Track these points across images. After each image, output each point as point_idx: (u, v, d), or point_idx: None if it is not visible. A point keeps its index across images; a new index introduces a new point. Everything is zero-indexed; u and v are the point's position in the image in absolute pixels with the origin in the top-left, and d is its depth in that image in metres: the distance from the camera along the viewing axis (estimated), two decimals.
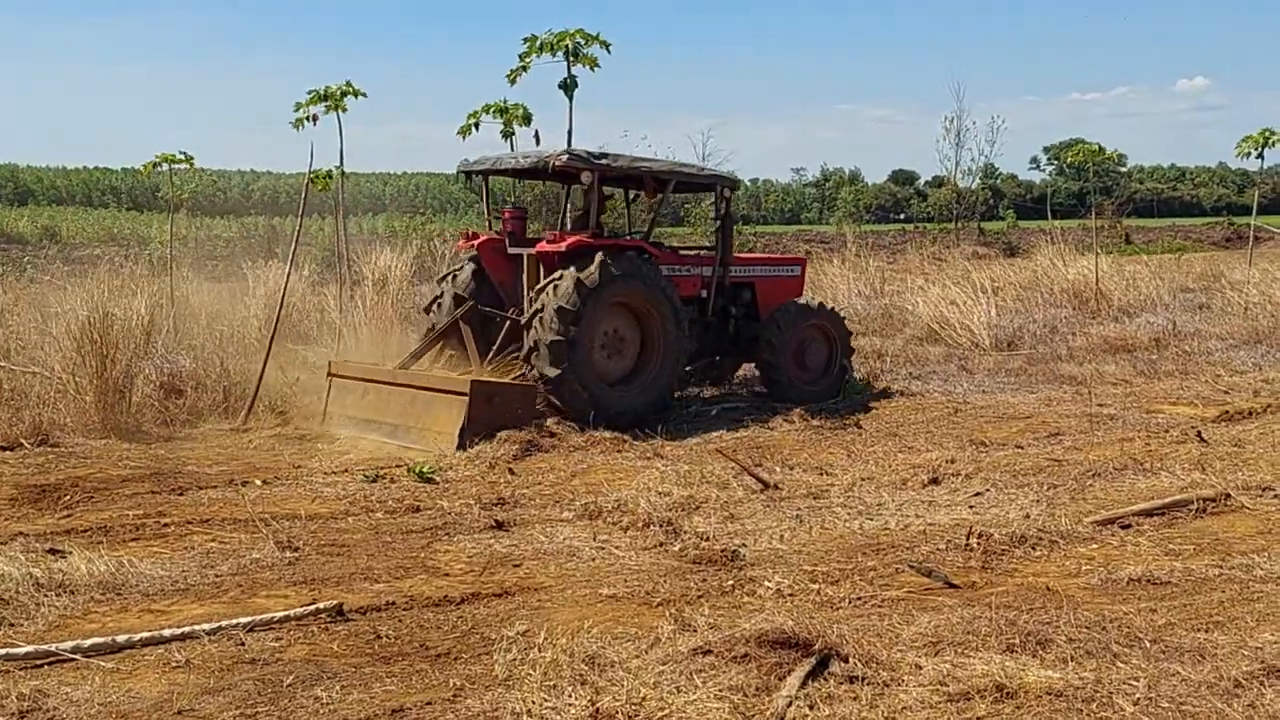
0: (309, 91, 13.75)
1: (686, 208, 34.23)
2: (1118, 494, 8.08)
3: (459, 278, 11.97)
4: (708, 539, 7.03)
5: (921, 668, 4.84)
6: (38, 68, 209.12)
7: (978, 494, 8.14)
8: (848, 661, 4.85)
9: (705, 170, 12.66)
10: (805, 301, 13.39)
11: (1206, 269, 25.77)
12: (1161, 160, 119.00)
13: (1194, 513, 7.51)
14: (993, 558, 6.61)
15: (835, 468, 9.18)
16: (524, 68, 13.38)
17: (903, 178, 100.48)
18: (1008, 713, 4.46)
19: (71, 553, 6.54)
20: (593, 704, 4.40)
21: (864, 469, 9.07)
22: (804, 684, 4.67)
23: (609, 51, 13.17)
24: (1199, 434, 9.92)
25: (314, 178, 13.77)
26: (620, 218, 14.43)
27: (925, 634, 5.26)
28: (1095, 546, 6.84)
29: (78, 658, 5.08)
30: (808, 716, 4.44)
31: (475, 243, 12.02)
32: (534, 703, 4.52)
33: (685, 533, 7.17)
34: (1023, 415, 11.53)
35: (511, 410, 10.17)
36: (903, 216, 79.93)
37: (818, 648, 4.92)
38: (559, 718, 4.39)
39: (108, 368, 10.39)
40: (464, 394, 10.02)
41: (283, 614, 5.65)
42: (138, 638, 5.30)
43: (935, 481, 8.51)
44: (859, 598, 5.97)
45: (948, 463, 9.09)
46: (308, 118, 13.57)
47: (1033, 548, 6.78)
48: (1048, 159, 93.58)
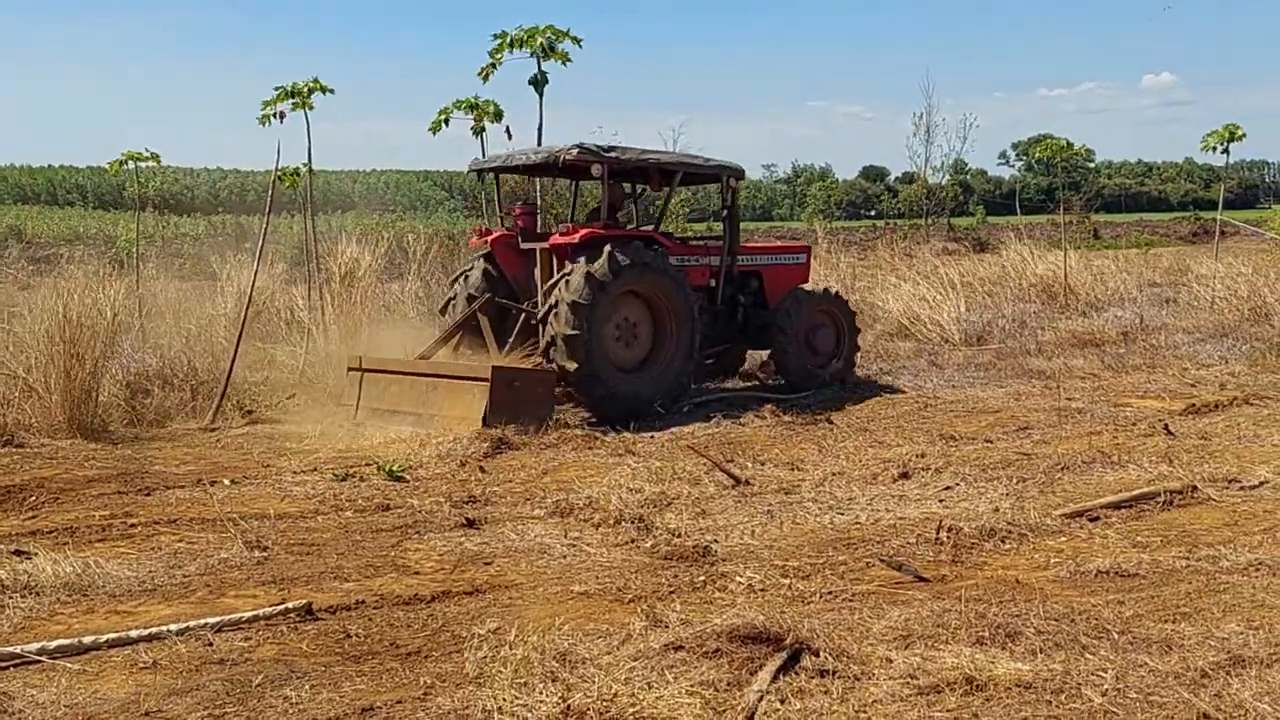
0: (276, 88, 13.67)
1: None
2: (1086, 487, 8.13)
3: (471, 277, 12.36)
4: (679, 535, 7.02)
5: (892, 661, 4.85)
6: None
7: (947, 488, 8.17)
8: (819, 656, 4.86)
9: (711, 161, 12.91)
10: (812, 288, 13.81)
11: (1173, 263, 25.98)
12: (1129, 156, 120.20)
13: (1161, 505, 7.55)
14: (962, 551, 6.63)
15: (806, 463, 9.19)
16: (495, 64, 13.34)
17: (873, 174, 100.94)
18: (977, 705, 4.47)
19: (37, 554, 6.48)
20: (564, 701, 4.39)
21: (835, 464, 9.09)
22: (775, 678, 4.67)
23: (580, 47, 13.18)
24: (1166, 427, 10.00)
25: (281, 175, 13.69)
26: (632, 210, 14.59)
27: (896, 627, 5.27)
28: (1064, 539, 6.87)
29: (43, 659, 5.03)
30: (779, 711, 4.44)
31: (489, 239, 12.36)
32: (505, 700, 4.50)
33: (657, 529, 7.16)
34: (992, 410, 11.59)
35: (532, 395, 10.42)
36: (873, 213, 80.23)
37: (789, 642, 4.92)
38: (530, 715, 4.37)
39: (74, 367, 10.29)
40: (486, 380, 10.23)
41: (251, 614, 5.61)
42: (104, 639, 5.25)
43: (905, 476, 8.54)
44: (830, 592, 5.97)
45: (918, 457, 9.12)
46: (275, 114, 13.47)
47: (1002, 541, 6.81)
48: (1017, 155, 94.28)
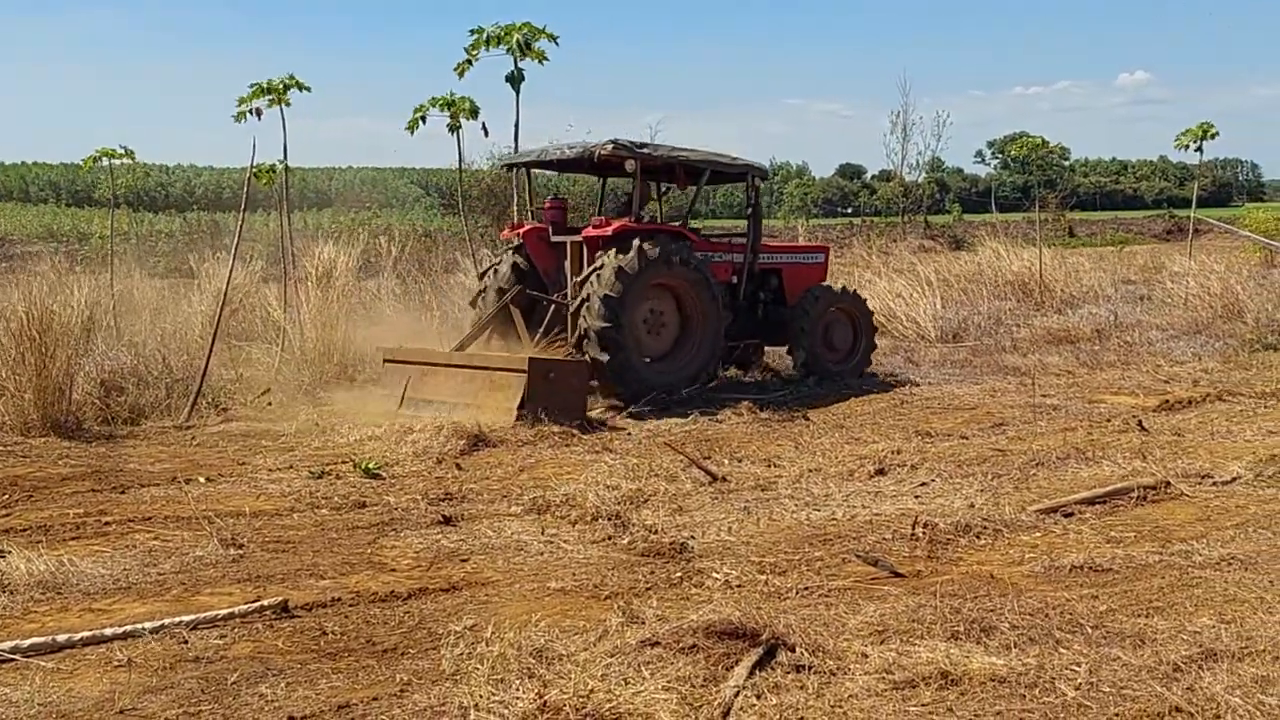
0: (252, 85, 13.61)
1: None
2: (1060, 483, 8.17)
3: (500, 271, 12.70)
4: (656, 531, 7.03)
5: (867, 656, 4.87)
6: None
7: (923, 484, 8.20)
8: (795, 651, 4.87)
9: (738, 161, 13.27)
10: (830, 286, 14.17)
11: (1148, 261, 26.21)
12: (1104, 154, 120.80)
13: (1135, 501, 7.60)
14: (938, 547, 6.66)
15: (783, 459, 9.22)
16: (471, 61, 13.31)
17: (850, 171, 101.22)
18: (952, 699, 4.49)
19: (10, 552, 6.42)
20: (540, 697, 4.39)
21: (811, 460, 9.12)
22: (751, 674, 4.68)
23: (557, 45, 13.17)
24: (1140, 423, 10.07)
25: (257, 172, 13.62)
26: (667, 205, 15.19)
27: (871, 623, 5.30)
28: (1038, 535, 6.91)
29: (17, 658, 4.99)
30: (755, 706, 4.45)
31: (520, 231, 12.73)
32: (481, 696, 4.50)
33: (634, 525, 7.16)
34: (967, 406, 11.65)
35: (567, 386, 10.63)
36: (850, 210, 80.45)
37: (765, 638, 4.94)
38: (506, 711, 4.37)
39: (47, 365, 10.20)
40: (523, 371, 10.45)
41: (227, 611, 5.58)
42: (78, 637, 5.22)
43: (881, 472, 8.57)
44: (806, 588, 5.99)
45: (894, 453, 9.15)
46: (250, 111, 13.41)
47: (977, 536, 6.84)
48: (993, 153, 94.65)
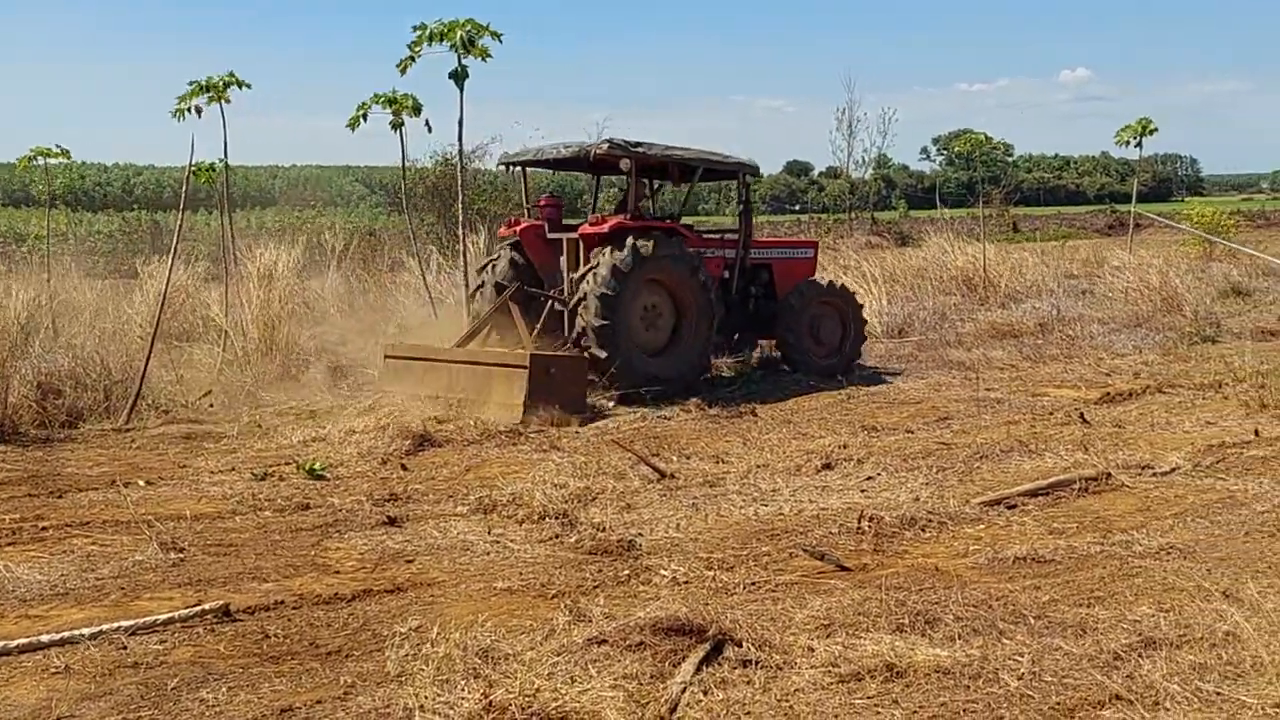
0: (191, 83, 13.41)
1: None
2: (1004, 475, 8.25)
3: (498, 266, 12.94)
4: (604, 529, 7.01)
5: (814, 650, 4.89)
6: None
7: (869, 478, 8.25)
8: (741, 646, 4.89)
9: (730, 159, 13.62)
10: (819, 281, 14.45)
11: (1090, 256, 26.53)
12: (1047, 150, 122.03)
13: (1077, 492, 7.69)
14: (883, 540, 6.70)
15: (731, 455, 9.23)
16: (414, 58, 13.15)
17: (797, 168, 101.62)
18: (897, 692, 4.52)
19: None
20: (486, 697, 4.36)
21: (759, 456, 9.14)
22: (698, 670, 4.69)
23: (500, 42, 13.01)
24: (1082, 416, 10.18)
25: (196, 170, 13.44)
26: (661, 202, 15.44)
27: (818, 616, 5.32)
28: (982, 527, 6.97)
29: None
30: (702, 702, 4.46)
31: (517, 228, 12.98)
32: (426, 697, 4.46)
33: (581, 524, 7.14)
34: (913, 400, 11.73)
35: (568, 380, 10.90)
36: (798, 207, 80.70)
37: (712, 633, 4.94)
38: (452, 712, 4.34)
39: None
40: (525, 367, 10.66)
41: (167, 616, 5.50)
42: (15, 644, 5.12)
43: (828, 467, 8.60)
44: (753, 583, 6.00)
45: (840, 448, 9.19)
46: (190, 109, 13.21)
47: (922, 529, 6.89)
48: (938, 149, 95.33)
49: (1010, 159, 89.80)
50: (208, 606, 5.57)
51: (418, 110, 14.15)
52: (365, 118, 14.23)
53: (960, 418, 10.59)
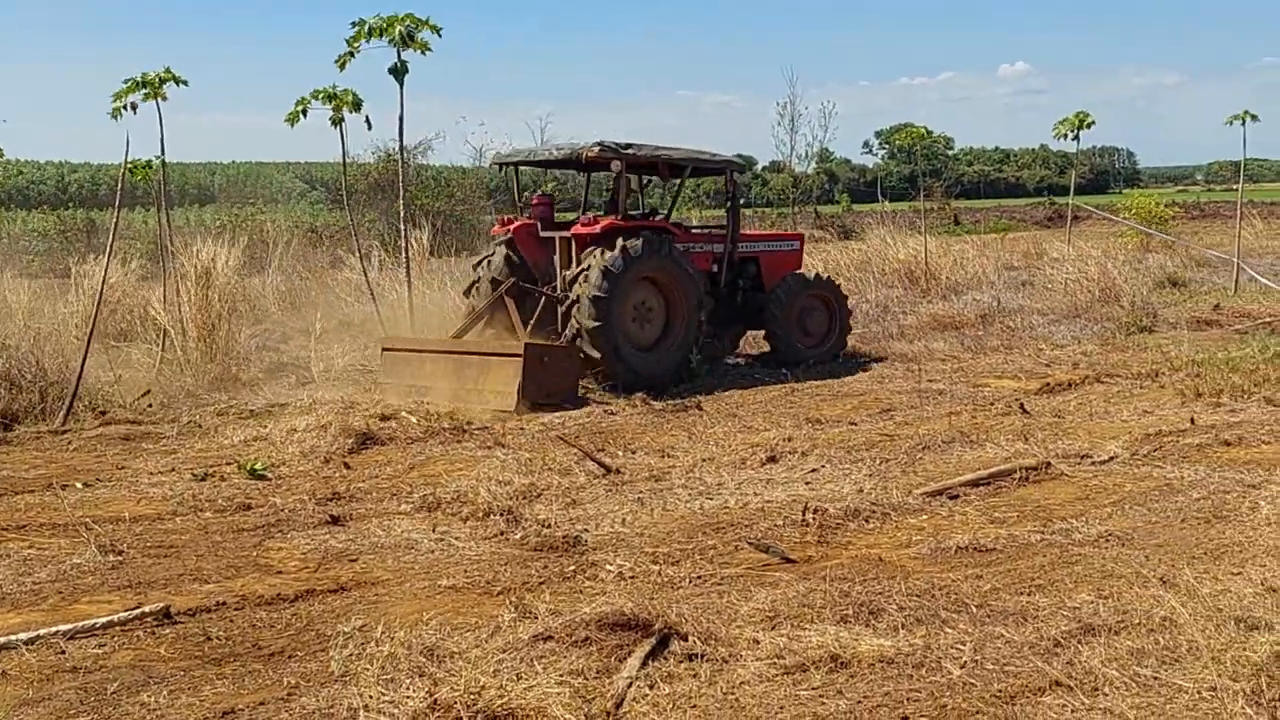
0: (126, 80, 13.22)
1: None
2: (946, 466, 8.33)
3: (493, 262, 13.25)
4: (549, 526, 6.99)
5: (759, 642, 4.91)
6: None
7: (813, 470, 8.30)
8: (687, 640, 4.89)
9: (718, 156, 14.10)
10: (805, 273, 14.80)
11: (1030, 248, 26.84)
12: (988, 143, 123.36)
13: (1017, 482, 7.78)
14: (828, 532, 6.74)
15: (676, 450, 9.24)
16: (353, 52, 13.07)
17: (742, 163, 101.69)
18: (841, 682, 4.55)
19: None
20: (431, 695, 4.33)
21: (704, 450, 9.16)
22: (644, 664, 4.69)
23: (440, 36, 12.97)
24: (1022, 406, 10.31)
25: (133, 168, 13.24)
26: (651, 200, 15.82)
27: (763, 609, 5.34)
28: (925, 517, 7.04)
29: None
30: (648, 696, 4.46)
31: (511, 227, 13.29)
32: (371, 697, 4.43)
33: (526, 520, 7.11)
34: (856, 393, 11.81)
35: (560, 369, 11.42)
36: (743, 201, 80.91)
37: (658, 628, 4.95)
38: (396, 711, 4.31)
39: None
40: (519, 356, 11.10)
41: (106, 619, 5.41)
42: None
43: (773, 460, 8.64)
44: (699, 576, 6.01)
45: (785, 441, 9.24)
46: (126, 106, 13.03)
47: (866, 520, 6.94)
48: (880, 143, 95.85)
49: (951, 152, 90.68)
50: (148, 609, 5.49)
51: (358, 106, 14.04)
52: (305, 113, 14.11)
53: (903, 409, 10.68)
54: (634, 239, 12.23)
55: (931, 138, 26.01)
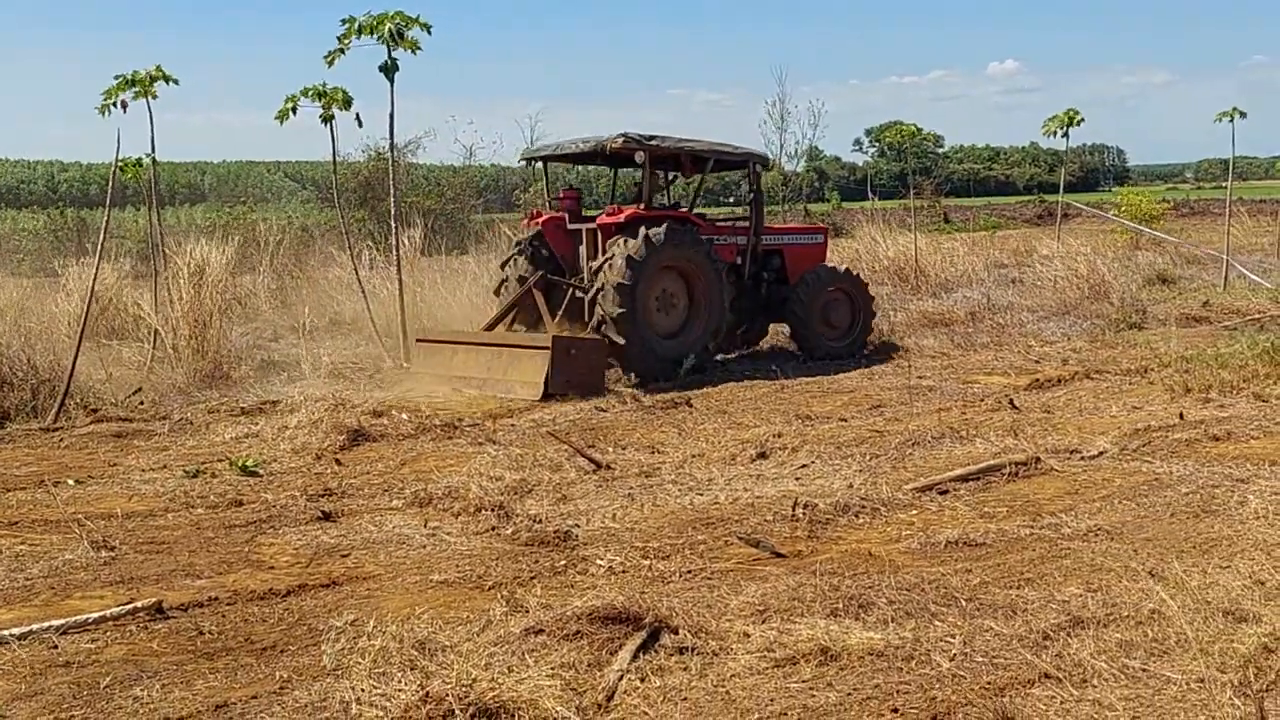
0: (116, 77, 13.19)
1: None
2: (936, 461, 8.36)
3: (520, 258, 13.61)
4: (540, 521, 7.01)
5: (749, 635, 4.94)
6: None
7: (804, 466, 8.32)
8: (678, 633, 4.92)
9: (740, 149, 14.24)
10: (830, 266, 15.09)
11: (1019, 245, 26.89)
12: (978, 141, 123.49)
13: (1007, 477, 7.81)
14: (818, 527, 6.77)
15: (667, 446, 9.26)
16: (342, 50, 13.05)
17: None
18: (831, 674, 4.58)
19: None
20: (422, 688, 4.35)
21: (695, 446, 9.18)
22: (635, 657, 4.71)
23: (430, 34, 12.95)
24: (1011, 402, 10.35)
25: (123, 166, 13.22)
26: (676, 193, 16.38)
27: (753, 603, 5.37)
28: (915, 512, 7.06)
29: None
30: (639, 689, 4.48)
31: (539, 220, 13.73)
32: (363, 690, 4.45)
33: (517, 516, 7.13)
34: (846, 389, 11.85)
35: (587, 361, 11.75)
36: (732, 200, 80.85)
37: (648, 621, 4.97)
38: (388, 704, 4.32)
39: None
40: (547, 348, 11.50)
41: (98, 615, 5.42)
42: None
43: (763, 455, 8.67)
44: (689, 571, 6.04)
45: (775, 437, 9.26)
46: (116, 103, 13.00)
47: (856, 515, 6.97)
48: (870, 141, 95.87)
49: (941, 150, 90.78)
50: (140, 604, 5.51)
51: (348, 104, 14.01)
52: (294, 111, 14.07)
53: (893, 405, 10.71)
54: (656, 228, 12.54)
55: (921, 135, 26.08)
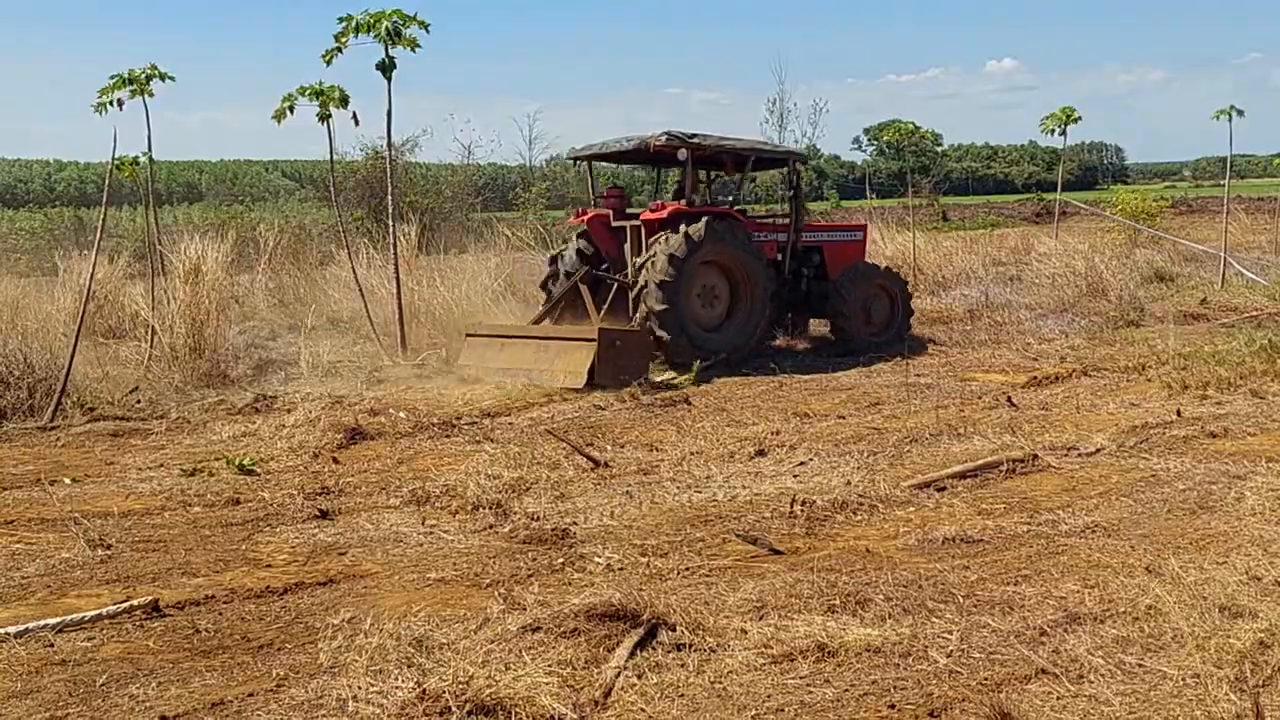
0: (112, 76, 13.17)
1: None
2: (933, 458, 8.36)
3: (566, 255, 14.12)
4: (538, 519, 7.00)
5: (747, 632, 4.94)
6: None
7: (802, 463, 8.32)
8: (675, 630, 4.92)
9: (780, 148, 14.97)
10: (870, 263, 15.56)
11: (1018, 243, 26.88)
12: (976, 139, 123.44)
13: (1004, 473, 7.82)
14: (815, 524, 6.77)
15: (665, 444, 9.26)
16: (340, 48, 13.04)
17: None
18: (829, 671, 4.58)
19: None
20: (419, 685, 4.35)
21: (693, 444, 9.17)
22: (632, 654, 4.71)
23: (428, 32, 12.93)
24: (1009, 399, 10.35)
25: (119, 165, 13.21)
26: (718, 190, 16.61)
27: (750, 599, 5.37)
28: (912, 509, 7.06)
29: None
30: (636, 685, 4.48)
31: (585, 218, 14.15)
32: (360, 688, 4.44)
33: (515, 514, 7.13)
34: (844, 387, 11.85)
35: (632, 353, 12.05)
36: (730, 199, 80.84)
37: (646, 618, 4.97)
38: (385, 701, 4.32)
39: None
40: (593, 340, 11.88)
41: (95, 613, 5.42)
42: None
43: (761, 453, 8.66)
44: (687, 568, 6.03)
45: (773, 434, 9.27)
46: (112, 102, 12.98)
47: (853, 512, 6.97)
48: (868, 140, 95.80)
49: (939, 149, 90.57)
50: (136, 602, 5.50)
51: (345, 102, 13.97)
52: (291, 110, 14.03)
53: (891, 403, 10.71)
54: (696, 224, 12.85)
55: (919, 134, 26.07)
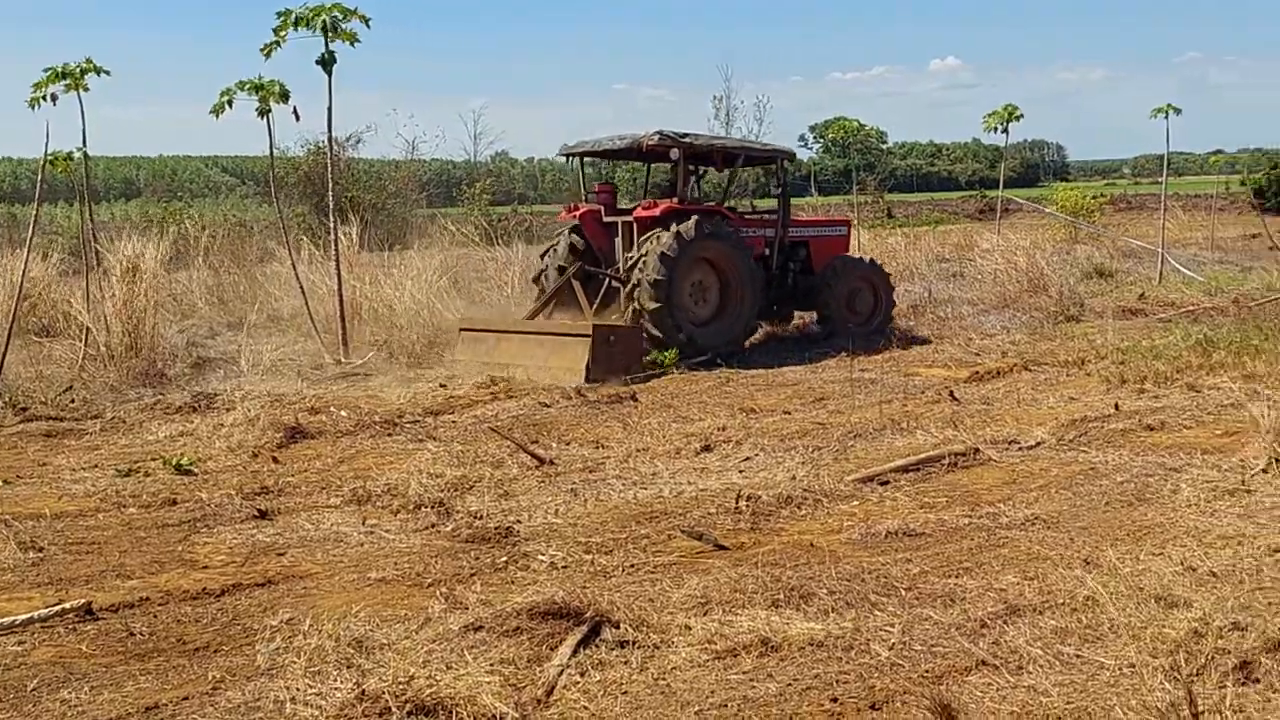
0: (46, 69, 12.92)
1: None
2: (877, 453, 8.40)
3: (559, 249, 14.27)
4: (481, 518, 6.95)
5: (691, 628, 4.93)
6: None
7: (747, 459, 8.33)
8: (619, 627, 4.89)
9: (769, 146, 15.14)
10: (854, 257, 16.03)
11: (961, 240, 27.17)
12: (920, 137, 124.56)
13: (946, 467, 7.87)
14: (760, 519, 6.77)
15: (611, 440, 9.23)
16: (278, 42, 12.87)
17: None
18: (772, 665, 4.57)
19: None
20: (359, 686, 4.29)
21: (639, 440, 9.15)
22: (575, 652, 4.68)
23: (369, 27, 12.81)
24: (952, 394, 10.42)
25: (53, 160, 12.96)
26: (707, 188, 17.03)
27: (695, 595, 5.36)
28: (856, 503, 7.09)
29: None
30: (579, 683, 4.45)
31: (577, 213, 14.26)
32: (298, 690, 4.38)
33: (458, 512, 7.07)
34: (790, 383, 11.88)
35: (626, 348, 12.23)
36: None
37: (589, 616, 4.94)
38: (324, 703, 4.26)
39: None
40: (588, 336, 11.99)
41: (26, 616, 5.30)
42: None
43: (707, 449, 8.66)
44: (632, 565, 6.01)
45: (719, 430, 9.27)
46: (45, 97, 12.73)
47: (798, 507, 6.98)
48: (814, 137, 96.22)
49: (884, 146, 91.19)
50: (69, 605, 5.39)
51: (285, 97, 13.78)
52: (230, 105, 13.83)
53: (836, 398, 10.75)
54: (687, 223, 13.09)
55: (864, 131, 26.26)
